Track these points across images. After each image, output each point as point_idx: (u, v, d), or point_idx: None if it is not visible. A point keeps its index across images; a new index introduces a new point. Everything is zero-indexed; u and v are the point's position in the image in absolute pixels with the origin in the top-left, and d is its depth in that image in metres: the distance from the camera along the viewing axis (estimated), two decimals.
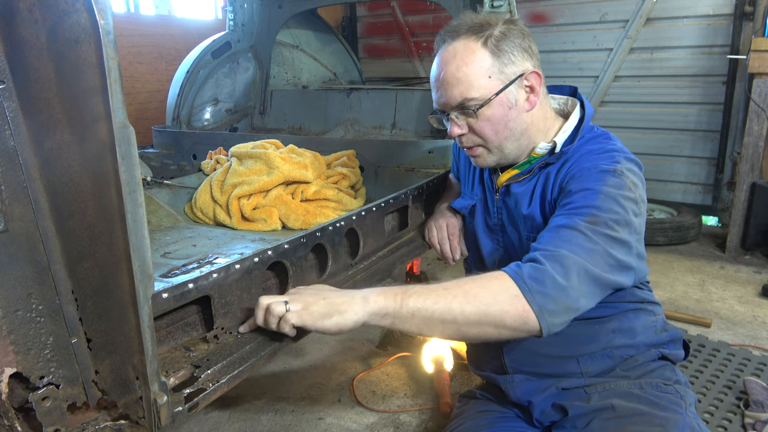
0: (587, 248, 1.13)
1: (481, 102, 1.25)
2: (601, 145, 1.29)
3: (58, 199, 0.88)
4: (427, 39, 5.48)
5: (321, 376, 2.33)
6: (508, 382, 1.46)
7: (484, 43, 1.23)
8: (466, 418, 1.50)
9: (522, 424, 1.44)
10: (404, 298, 1.07)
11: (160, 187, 2.20)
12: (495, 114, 1.26)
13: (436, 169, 2.29)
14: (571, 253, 1.11)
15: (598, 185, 1.18)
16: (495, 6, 2.49)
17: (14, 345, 0.87)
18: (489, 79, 1.23)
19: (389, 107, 3.11)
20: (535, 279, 1.08)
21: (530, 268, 1.11)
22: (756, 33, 3.66)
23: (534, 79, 1.26)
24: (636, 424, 1.21)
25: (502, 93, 1.25)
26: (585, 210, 1.16)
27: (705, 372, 2.21)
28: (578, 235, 1.14)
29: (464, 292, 1.07)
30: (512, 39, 1.25)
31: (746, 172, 3.53)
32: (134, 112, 3.85)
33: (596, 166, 1.22)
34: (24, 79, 0.85)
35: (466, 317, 1.06)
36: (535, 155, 1.35)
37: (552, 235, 1.16)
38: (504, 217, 1.44)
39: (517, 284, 1.08)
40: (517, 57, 1.24)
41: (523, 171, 1.36)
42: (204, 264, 1.50)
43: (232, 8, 3.27)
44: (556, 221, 1.19)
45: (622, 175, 1.20)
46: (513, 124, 1.28)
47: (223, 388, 1.05)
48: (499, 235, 1.48)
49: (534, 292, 1.07)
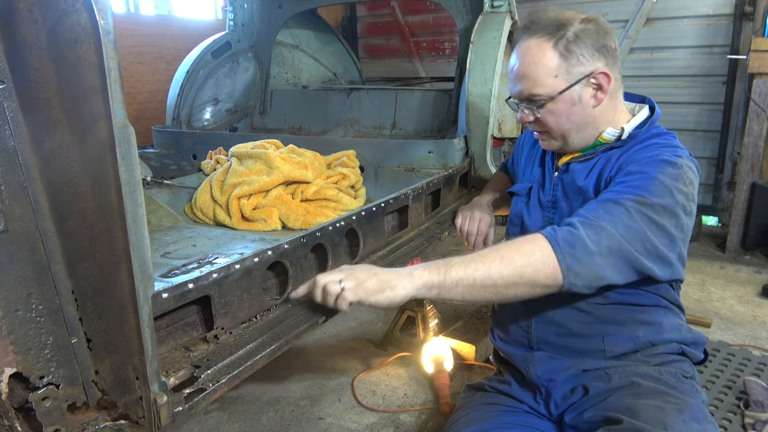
0: (626, 224, 1.17)
1: (546, 99, 1.33)
2: (667, 140, 1.33)
3: (58, 199, 0.88)
4: (427, 39, 5.47)
5: (321, 376, 2.33)
6: (530, 360, 1.46)
7: (555, 44, 1.29)
8: (471, 409, 1.50)
9: (530, 418, 1.43)
10: (447, 269, 1.18)
11: (160, 187, 2.20)
12: (558, 109, 1.33)
13: (436, 169, 2.29)
14: (609, 225, 1.17)
15: (655, 171, 1.22)
16: (495, 6, 2.49)
17: (14, 345, 0.87)
18: (555, 78, 1.30)
19: (389, 107, 3.11)
20: (568, 242, 1.16)
21: (565, 232, 1.18)
22: (756, 33, 3.66)
23: (602, 79, 1.31)
24: (653, 399, 1.24)
25: (566, 91, 1.31)
26: (636, 191, 1.21)
27: (705, 372, 2.21)
28: (621, 210, 1.18)
29: (500, 257, 1.17)
30: (585, 40, 1.30)
31: (746, 172, 3.53)
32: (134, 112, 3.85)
33: (658, 155, 1.26)
34: (24, 79, 0.85)
35: (505, 280, 1.16)
36: (602, 140, 1.39)
37: (596, 206, 1.21)
38: (558, 193, 1.47)
39: (551, 244, 1.16)
40: (587, 57, 1.30)
41: (586, 153, 1.41)
42: (204, 264, 1.50)
43: (232, 8, 3.27)
44: (605, 195, 1.24)
45: (681, 168, 1.24)
46: (576, 118, 1.35)
47: (223, 388, 1.05)
48: (549, 212, 1.49)
49: (565, 253, 1.15)
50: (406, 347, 2.48)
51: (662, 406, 1.22)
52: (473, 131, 2.38)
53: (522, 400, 1.48)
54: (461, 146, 2.37)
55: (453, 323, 2.70)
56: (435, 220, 2.11)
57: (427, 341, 2.35)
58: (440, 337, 2.36)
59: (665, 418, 1.17)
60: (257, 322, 1.24)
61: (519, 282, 1.16)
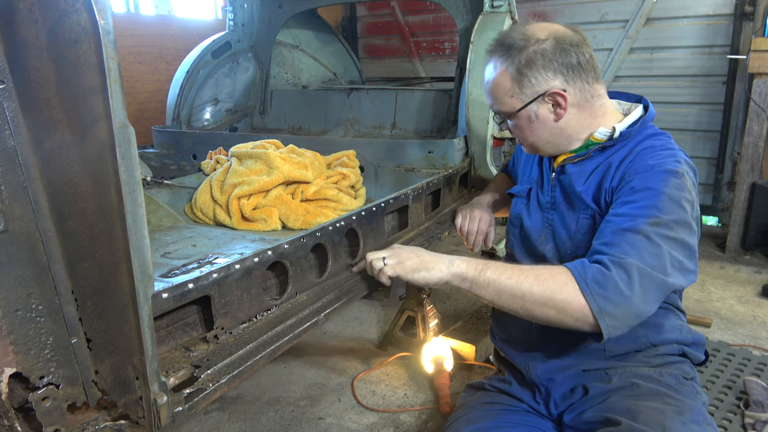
0: (651, 253, 1.18)
1: (507, 115, 1.42)
2: (663, 142, 1.34)
3: (58, 199, 0.88)
4: (427, 39, 5.48)
5: (321, 376, 2.33)
6: (529, 359, 1.47)
7: (508, 68, 1.36)
8: (471, 408, 1.50)
9: (530, 417, 1.43)
10: (483, 269, 1.26)
11: (160, 187, 2.20)
12: (520, 124, 1.41)
13: (436, 169, 2.29)
14: (636, 260, 1.17)
15: (661, 185, 1.23)
16: (495, 6, 2.49)
17: (14, 345, 0.87)
18: (511, 98, 1.38)
19: (389, 107, 3.11)
20: (599, 283, 1.17)
21: (596, 272, 1.18)
22: (756, 33, 3.65)
23: (557, 97, 1.35)
24: (652, 401, 1.25)
25: (522, 110, 1.38)
26: (648, 212, 1.21)
27: (705, 372, 2.21)
28: (643, 240, 1.19)
29: (536, 276, 1.21)
30: (536, 62, 1.33)
31: (746, 172, 3.53)
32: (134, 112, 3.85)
33: (660, 165, 1.26)
34: (24, 79, 0.85)
35: (534, 297, 1.21)
36: (594, 140, 1.40)
37: (617, 239, 1.21)
38: (557, 195, 1.48)
39: (579, 284, 1.18)
40: (539, 79, 1.34)
41: (579, 154, 1.43)
42: (204, 264, 1.50)
43: (232, 8, 3.27)
44: (620, 223, 1.23)
45: (683, 176, 1.25)
46: (539, 132, 1.40)
47: (223, 388, 1.05)
48: (549, 212, 1.50)
49: (595, 295, 1.16)
50: (406, 347, 2.48)
51: (662, 408, 1.22)
52: (473, 131, 2.38)
53: (522, 399, 1.48)
54: (461, 146, 2.37)
55: (453, 323, 2.70)
56: (435, 220, 2.11)
57: (427, 341, 2.35)
58: (440, 337, 2.36)
59: (665, 421, 1.17)
60: (257, 322, 1.24)
61: (548, 304, 1.20)
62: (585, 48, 1.35)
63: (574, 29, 1.37)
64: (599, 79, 1.38)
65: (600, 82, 1.39)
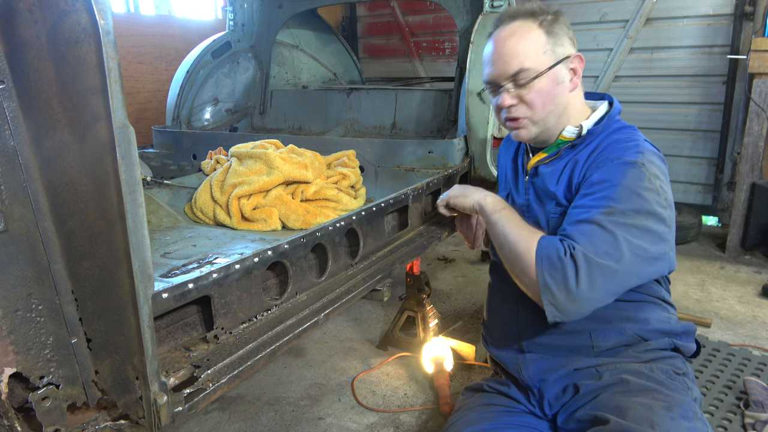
0: (604, 240, 1.21)
1: (535, 73, 1.36)
2: (627, 135, 1.36)
3: (58, 199, 0.88)
4: (427, 39, 5.48)
5: (321, 376, 2.33)
6: (521, 362, 1.48)
7: (540, 24, 1.38)
8: (469, 410, 1.50)
9: (528, 418, 1.44)
10: (499, 210, 1.40)
11: (160, 187, 2.20)
12: (545, 87, 1.37)
13: (436, 169, 2.29)
14: (587, 248, 1.20)
15: (617, 177, 1.25)
16: (495, 6, 2.49)
17: (14, 345, 0.87)
18: (543, 54, 1.36)
19: (389, 107, 3.11)
20: (550, 262, 1.23)
21: (552, 252, 1.23)
22: (756, 33, 3.65)
23: (578, 63, 1.40)
24: (642, 396, 1.25)
25: (553, 69, 1.37)
26: (602, 202, 1.24)
27: (705, 372, 2.21)
28: (596, 228, 1.22)
29: (518, 233, 1.32)
30: (563, 24, 1.40)
31: (746, 172, 3.53)
32: (134, 112, 3.85)
33: (619, 158, 1.29)
34: (24, 79, 0.85)
35: (509, 250, 1.32)
36: (563, 138, 1.43)
37: (572, 229, 1.26)
38: (531, 197, 1.50)
39: (535, 256, 1.26)
40: (566, 41, 1.39)
41: (551, 154, 1.46)
42: (204, 264, 1.50)
43: (232, 8, 3.27)
44: (577, 215, 1.28)
45: (642, 167, 1.26)
46: (559, 99, 1.40)
47: (223, 388, 1.05)
48: (526, 216, 1.51)
49: (544, 270, 1.23)
50: (406, 347, 2.48)
51: (650, 403, 1.22)
52: (473, 131, 2.38)
53: (520, 400, 1.48)
54: (461, 146, 2.37)
55: (453, 323, 2.70)
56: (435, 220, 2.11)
57: (427, 341, 2.35)
58: (440, 337, 2.36)
59: (653, 416, 1.17)
60: (257, 322, 1.24)
61: (515, 262, 1.30)
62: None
63: None
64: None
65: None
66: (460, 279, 3.38)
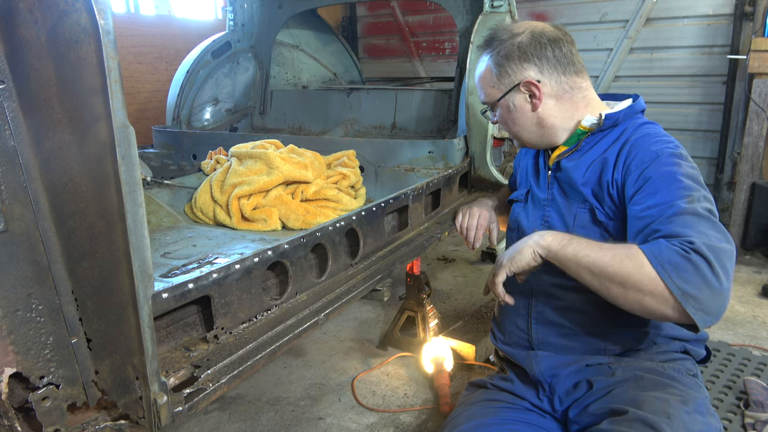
0: (710, 226, 1.15)
1: (490, 105, 1.52)
2: (657, 129, 1.37)
3: (58, 199, 0.88)
4: (427, 39, 5.47)
5: (321, 376, 2.33)
6: (532, 357, 1.48)
7: (490, 59, 1.46)
8: (472, 405, 1.50)
9: (532, 415, 1.44)
10: (567, 244, 1.26)
11: (160, 187, 2.20)
12: (502, 114, 1.50)
13: (436, 169, 2.29)
14: (703, 239, 1.12)
15: (675, 168, 1.25)
16: (495, 6, 2.49)
17: (14, 345, 0.87)
18: (492, 88, 1.48)
19: (389, 107, 3.11)
20: (675, 266, 1.10)
21: (672, 254, 1.11)
22: (756, 33, 3.65)
23: (532, 87, 1.41)
24: (656, 391, 1.26)
25: (501, 99, 1.46)
26: (679, 193, 1.21)
27: (705, 372, 2.21)
28: (694, 218, 1.16)
29: (612, 255, 1.17)
30: (513, 54, 1.41)
31: (746, 172, 3.53)
32: (134, 112, 3.85)
33: (663, 150, 1.29)
34: (24, 79, 0.85)
35: (609, 276, 1.17)
36: (582, 128, 1.43)
37: (672, 226, 1.17)
38: (555, 190, 1.50)
39: (654, 267, 1.11)
40: (514, 69, 1.42)
41: (571, 147, 1.46)
42: (204, 264, 1.50)
43: (232, 8, 3.27)
44: (661, 212, 1.20)
45: (687, 158, 1.30)
46: (520, 121, 1.47)
47: (223, 388, 1.05)
48: (547, 209, 1.51)
49: (673, 278, 1.10)
50: (406, 347, 2.48)
51: (666, 397, 1.23)
52: (473, 131, 2.38)
53: (524, 397, 1.48)
54: (461, 146, 2.37)
55: (453, 323, 2.70)
56: (435, 220, 2.11)
57: (427, 341, 2.35)
58: (440, 337, 2.36)
59: (669, 409, 1.19)
60: (257, 322, 1.24)
61: (625, 284, 1.15)
62: (563, 44, 1.41)
63: (558, 27, 1.44)
64: (580, 73, 1.43)
65: (581, 76, 1.44)
66: (460, 279, 3.38)
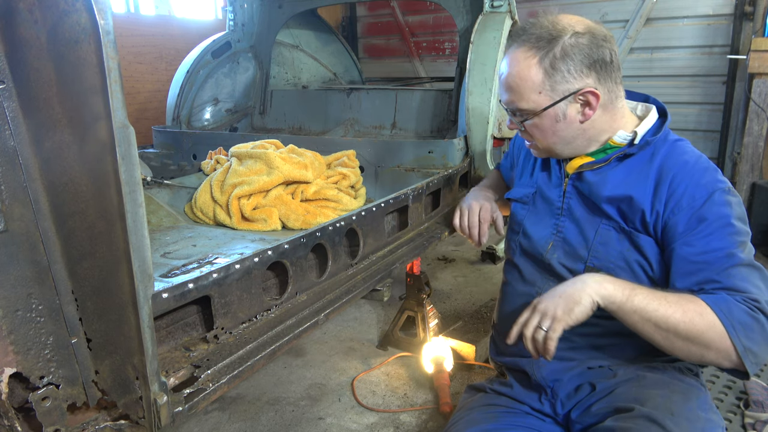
0: (763, 277, 1.20)
1: (528, 114, 1.31)
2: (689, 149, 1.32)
3: (58, 199, 0.88)
4: (427, 39, 5.48)
5: (321, 376, 2.33)
6: (534, 363, 1.46)
7: (541, 59, 1.25)
8: (471, 410, 1.49)
9: (531, 420, 1.43)
10: (632, 294, 1.18)
11: (160, 187, 2.20)
12: (543, 124, 1.31)
13: (436, 169, 2.29)
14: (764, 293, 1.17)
15: (727, 209, 1.23)
16: (495, 6, 2.49)
17: (14, 345, 0.87)
18: (539, 94, 1.27)
19: (389, 107, 3.11)
20: (746, 327, 1.14)
21: (743, 315, 1.15)
22: (756, 33, 3.66)
23: (590, 97, 1.27)
24: (659, 388, 1.26)
25: (550, 108, 1.28)
26: (733, 239, 1.21)
27: (705, 372, 2.20)
28: (750, 270, 1.19)
29: (683, 311, 1.15)
30: (573, 56, 1.24)
31: (746, 172, 3.53)
32: (134, 112, 3.85)
33: (712, 185, 1.24)
34: (24, 79, 0.85)
35: (678, 332, 1.15)
36: (613, 143, 1.34)
37: (730, 279, 1.19)
38: (573, 202, 1.41)
39: (726, 327, 1.14)
40: (574, 75, 1.25)
41: (599, 159, 1.36)
42: (204, 264, 1.50)
43: (232, 8, 3.27)
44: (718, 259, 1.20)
45: (731, 189, 1.26)
46: (562, 133, 1.32)
47: (223, 388, 1.05)
48: (561, 219, 1.44)
49: (742, 338, 1.13)
50: (406, 347, 2.48)
51: (669, 394, 1.24)
52: (473, 131, 2.38)
53: (524, 401, 1.48)
54: (461, 146, 2.37)
55: (453, 323, 2.70)
56: (435, 220, 2.11)
57: (427, 341, 2.35)
58: (440, 337, 2.36)
59: (672, 405, 1.19)
60: (257, 322, 1.24)
61: (693, 341, 1.15)
62: (614, 45, 1.28)
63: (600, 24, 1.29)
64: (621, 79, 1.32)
65: (621, 83, 1.32)
66: (460, 279, 3.38)
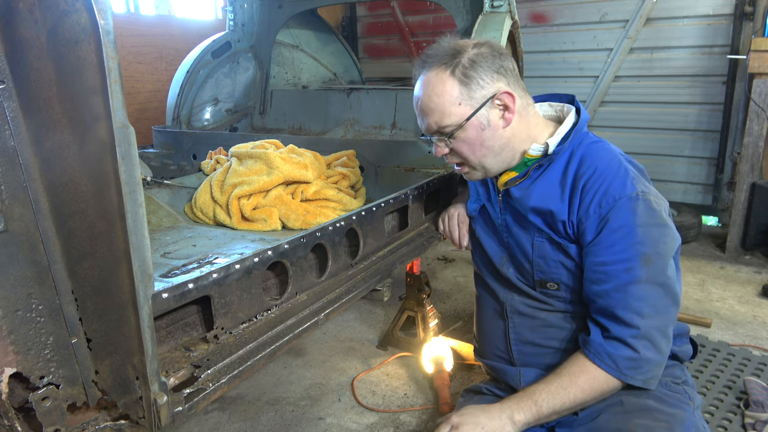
0: (659, 295, 1.24)
1: (455, 128, 1.32)
2: (604, 156, 1.30)
3: (58, 199, 0.88)
4: (427, 39, 5.47)
5: (321, 376, 2.33)
6: (516, 375, 1.49)
7: (453, 72, 1.29)
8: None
9: None
10: (538, 407, 1.29)
11: (160, 187, 2.20)
12: (470, 136, 1.33)
13: (436, 169, 2.29)
14: (652, 316, 1.23)
15: (632, 217, 1.23)
16: (495, 6, 2.49)
17: (14, 345, 0.87)
18: (459, 106, 1.30)
19: (389, 107, 3.11)
20: (633, 368, 1.26)
21: (626, 359, 1.25)
22: (756, 33, 3.66)
23: (506, 98, 1.31)
24: (642, 418, 1.25)
25: (473, 117, 1.30)
26: (634, 251, 1.23)
27: (705, 372, 2.21)
28: (645, 288, 1.23)
29: (580, 388, 1.28)
30: (481, 63, 1.29)
31: (746, 172, 3.53)
32: (134, 112, 3.85)
33: (620, 193, 1.24)
34: (24, 79, 0.85)
35: (587, 402, 1.30)
36: (529, 156, 1.37)
37: (624, 297, 1.24)
38: (509, 219, 1.47)
39: (616, 377, 1.27)
40: (486, 80, 1.29)
41: (520, 174, 1.39)
42: (204, 264, 1.50)
43: (232, 8, 3.27)
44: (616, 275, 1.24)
45: (643, 194, 1.24)
46: (490, 142, 1.34)
47: (223, 388, 1.05)
48: (504, 235, 1.49)
49: (634, 377, 1.27)
50: (406, 347, 2.48)
51: (652, 425, 1.22)
52: None
53: None
54: None
55: (453, 323, 2.70)
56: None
57: (427, 341, 2.35)
58: (440, 337, 2.36)
59: None
60: (257, 322, 1.24)
61: (598, 398, 1.30)
62: (511, 58, 1.35)
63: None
64: (527, 91, 1.38)
65: (529, 94, 1.38)
66: (460, 279, 3.38)
